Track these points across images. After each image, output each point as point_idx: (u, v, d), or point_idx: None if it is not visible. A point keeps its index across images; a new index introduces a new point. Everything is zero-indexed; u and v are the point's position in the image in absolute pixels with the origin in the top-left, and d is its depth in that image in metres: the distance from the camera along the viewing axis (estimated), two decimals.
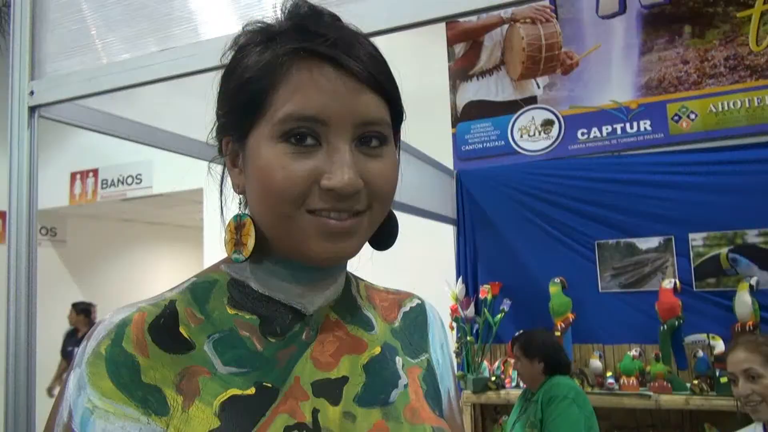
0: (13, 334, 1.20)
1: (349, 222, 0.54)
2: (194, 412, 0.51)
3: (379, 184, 0.55)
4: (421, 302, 0.75)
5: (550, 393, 2.27)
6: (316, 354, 0.59)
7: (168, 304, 0.56)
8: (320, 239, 0.54)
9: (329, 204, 0.53)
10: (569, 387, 2.30)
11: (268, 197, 0.54)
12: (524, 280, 3.53)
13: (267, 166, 0.53)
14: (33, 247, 1.18)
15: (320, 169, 0.53)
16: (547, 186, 3.56)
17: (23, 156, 1.13)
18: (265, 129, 0.54)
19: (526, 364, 2.40)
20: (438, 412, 0.65)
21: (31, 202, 1.13)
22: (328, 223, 0.53)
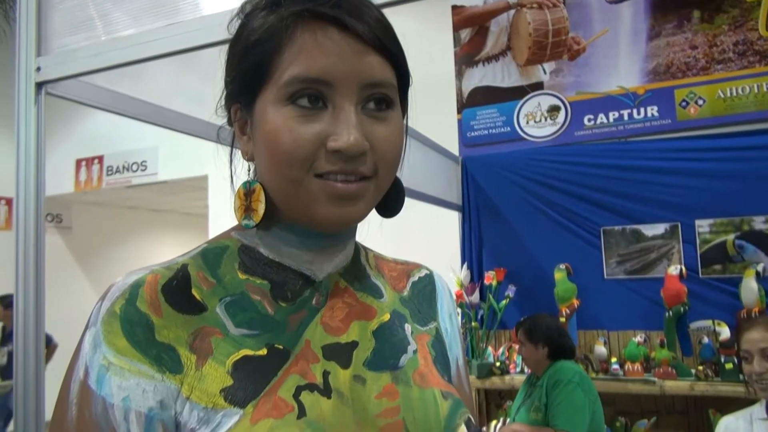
0: (22, 320, 1.21)
1: (356, 186, 0.54)
2: (207, 370, 0.52)
3: (385, 148, 0.55)
4: (430, 272, 0.75)
5: (554, 377, 2.28)
6: (326, 319, 0.60)
7: (180, 267, 0.57)
8: (328, 203, 0.54)
9: (336, 166, 0.53)
10: (574, 371, 2.30)
11: (276, 161, 0.54)
12: (529, 267, 3.53)
13: (274, 131, 0.54)
14: (40, 224, 1.18)
15: (327, 131, 0.53)
16: (552, 172, 3.55)
17: (30, 133, 1.13)
18: (271, 93, 0.54)
19: (530, 348, 2.40)
20: (447, 377, 0.65)
21: (39, 178, 1.13)
22: (336, 187, 0.53)
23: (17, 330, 1.21)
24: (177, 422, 0.50)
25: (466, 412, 0.61)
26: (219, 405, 0.50)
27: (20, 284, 1.20)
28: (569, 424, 2.17)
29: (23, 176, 1.13)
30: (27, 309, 1.20)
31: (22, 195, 1.15)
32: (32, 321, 1.20)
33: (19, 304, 1.21)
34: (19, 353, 1.21)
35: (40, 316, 1.22)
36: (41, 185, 1.15)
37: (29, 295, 1.20)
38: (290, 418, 0.51)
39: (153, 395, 0.49)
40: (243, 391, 0.51)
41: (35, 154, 1.13)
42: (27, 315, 1.20)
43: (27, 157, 1.12)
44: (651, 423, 3.06)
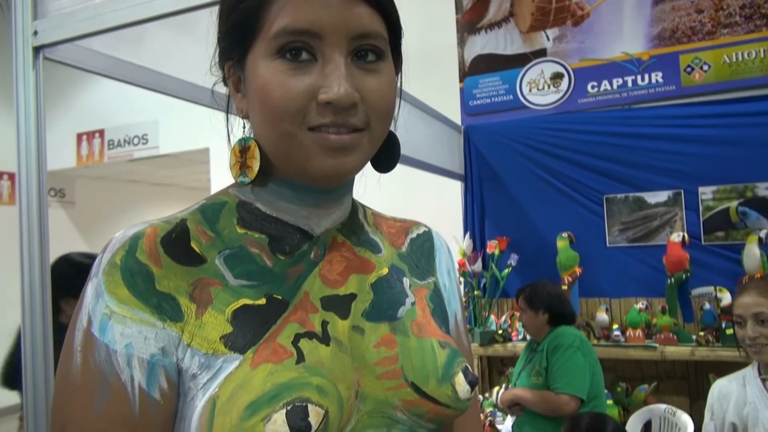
0: (28, 294, 1.21)
1: (349, 137, 0.54)
2: (207, 318, 0.53)
3: (376, 99, 0.55)
4: (429, 230, 0.75)
5: (555, 342, 2.30)
6: (324, 272, 0.60)
7: (179, 221, 0.57)
8: (321, 155, 0.54)
9: (328, 119, 0.53)
10: (574, 336, 2.32)
11: (268, 116, 0.54)
12: (532, 235, 3.53)
13: (265, 85, 0.54)
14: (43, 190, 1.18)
15: (317, 83, 0.53)
16: (555, 140, 3.53)
17: (30, 99, 1.12)
18: (261, 47, 0.54)
19: (531, 315, 2.42)
20: (444, 329, 0.66)
21: (39, 144, 1.13)
22: (328, 138, 0.53)
23: (23, 304, 1.22)
24: (179, 369, 0.51)
25: (464, 361, 0.61)
26: (219, 351, 0.51)
27: (25, 259, 1.21)
28: (569, 387, 2.19)
29: (24, 144, 1.12)
30: (33, 283, 1.21)
31: (24, 163, 1.15)
32: (38, 296, 1.21)
33: (25, 279, 1.21)
34: (26, 327, 1.22)
35: (45, 292, 1.22)
36: (42, 152, 1.14)
37: (34, 270, 1.20)
38: (289, 363, 0.51)
39: (155, 342, 0.50)
40: (242, 337, 0.52)
41: (35, 121, 1.13)
42: (33, 290, 1.21)
43: (27, 124, 1.12)
44: (651, 388, 3.09)
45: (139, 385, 0.49)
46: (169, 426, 0.51)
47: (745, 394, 1.72)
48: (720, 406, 1.78)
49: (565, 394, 2.18)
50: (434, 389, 0.58)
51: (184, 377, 0.51)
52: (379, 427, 0.56)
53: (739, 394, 1.74)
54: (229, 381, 0.50)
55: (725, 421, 1.75)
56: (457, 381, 0.59)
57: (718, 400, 1.79)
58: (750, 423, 1.67)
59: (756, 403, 1.68)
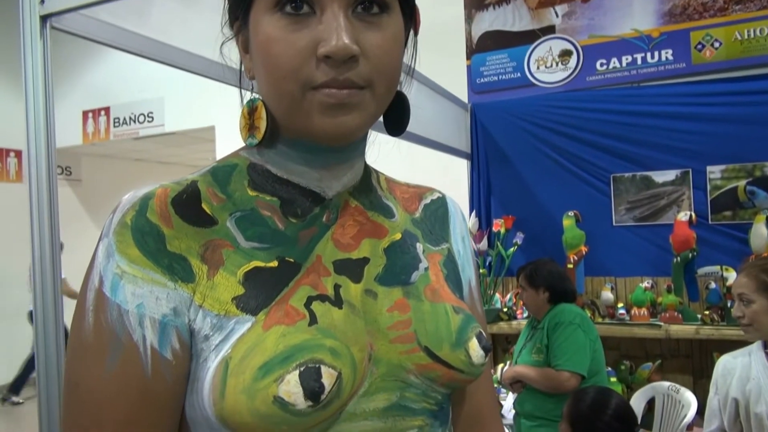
0: (39, 272, 1.21)
1: (348, 93, 0.52)
2: (219, 279, 0.52)
3: (378, 54, 0.53)
4: (443, 195, 0.74)
5: (555, 319, 2.30)
6: (336, 236, 0.60)
7: (190, 183, 0.57)
8: (322, 115, 0.53)
9: (329, 77, 0.51)
10: (574, 313, 2.33)
11: (271, 75, 0.53)
12: (538, 214, 3.53)
13: (266, 42, 0.53)
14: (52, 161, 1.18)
15: (317, 37, 0.51)
16: (563, 119, 3.50)
17: (37, 68, 1.12)
18: (261, 2, 0.53)
19: (531, 293, 2.42)
20: (458, 295, 0.66)
21: (48, 116, 1.13)
22: (328, 97, 0.52)
23: (35, 282, 1.22)
24: (191, 330, 0.51)
25: (478, 326, 0.61)
26: (231, 312, 0.51)
27: (35, 236, 1.20)
28: (570, 363, 2.21)
29: (32, 116, 1.12)
30: (43, 260, 1.21)
31: (33, 136, 1.14)
32: (49, 273, 1.21)
33: (36, 256, 1.21)
34: (38, 305, 1.23)
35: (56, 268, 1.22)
36: (51, 123, 1.14)
37: (45, 247, 1.20)
38: (302, 324, 0.51)
39: (166, 302, 0.50)
40: (254, 299, 0.52)
41: (43, 91, 1.12)
42: (44, 267, 1.21)
43: (35, 94, 1.12)
44: (655, 366, 3.11)
45: (151, 345, 0.49)
46: (181, 386, 0.51)
47: (749, 370, 1.73)
48: (724, 382, 1.79)
49: (566, 370, 2.20)
50: (448, 354, 0.58)
51: (196, 338, 0.51)
52: (392, 390, 0.56)
53: (743, 370, 1.75)
54: (241, 342, 0.50)
55: (728, 397, 1.76)
56: (471, 346, 0.59)
57: (723, 376, 1.80)
58: (752, 398, 1.68)
59: (759, 378, 1.69)
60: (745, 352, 1.81)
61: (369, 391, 0.54)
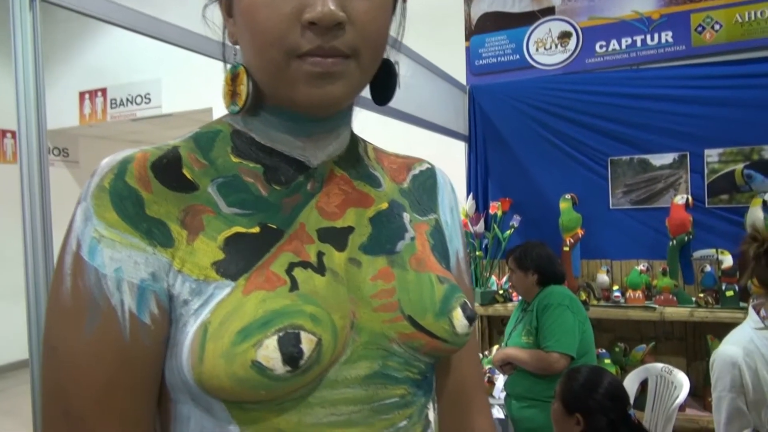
0: (30, 251, 1.21)
1: (333, 62, 0.51)
2: (198, 245, 0.52)
3: (364, 21, 0.52)
4: (432, 167, 0.74)
5: (544, 301, 2.31)
6: (321, 204, 0.59)
7: (172, 148, 0.56)
8: (306, 84, 0.52)
9: (314, 45, 0.51)
10: (563, 295, 2.33)
11: (255, 41, 0.52)
12: (535, 197, 3.53)
13: (251, 5, 0.52)
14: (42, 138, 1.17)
15: (303, 3, 0.50)
16: (561, 101, 3.49)
17: (27, 43, 1.11)
18: None
19: (520, 276, 2.43)
20: (444, 265, 0.66)
21: (38, 93, 1.12)
22: (313, 65, 0.51)
23: (26, 262, 1.21)
24: (170, 295, 0.51)
25: (463, 296, 0.61)
26: (211, 277, 0.51)
27: (27, 217, 1.19)
28: (559, 345, 2.21)
29: (22, 92, 1.11)
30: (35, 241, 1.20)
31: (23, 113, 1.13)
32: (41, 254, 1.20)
33: (27, 238, 1.20)
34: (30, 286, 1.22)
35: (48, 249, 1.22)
36: (41, 100, 1.13)
37: (36, 228, 1.19)
38: (282, 290, 0.51)
39: (145, 267, 0.50)
40: (235, 265, 0.52)
41: (33, 67, 1.11)
42: (35, 248, 1.20)
43: (25, 71, 1.10)
44: (649, 348, 3.13)
45: (129, 309, 0.49)
46: (160, 351, 0.51)
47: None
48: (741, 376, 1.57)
49: (555, 352, 2.21)
50: (431, 323, 0.58)
51: (175, 303, 0.51)
52: (374, 358, 0.56)
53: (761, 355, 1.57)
54: (220, 307, 0.49)
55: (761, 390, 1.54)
56: (455, 316, 0.59)
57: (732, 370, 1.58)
58: None
59: None
60: (744, 338, 1.65)
61: (351, 359, 0.54)
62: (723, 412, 1.62)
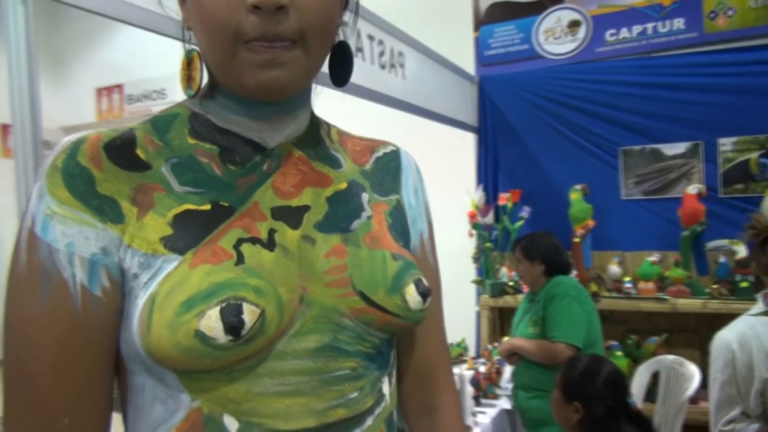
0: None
1: (279, 50, 0.52)
2: (147, 221, 0.53)
3: (308, 5, 0.53)
4: (397, 149, 0.74)
5: (551, 291, 2.30)
6: (277, 184, 0.60)
7: (127, 130, 0.58)
8: (252, 70, 0.53)
9: (258, 31, 0.52)
10: (569, 285, 2.32)
11: (203, 26, 0.54)
12: (545, 188, 3.50)
13: None
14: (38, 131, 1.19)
15: None
16: (571, 91, 3.45)
17: (20, 36, 1.13)
18: None
19: (527, 266, 2.42)
20: (402, 244, 0.66)
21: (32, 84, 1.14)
22: (258, 52, 0.52)
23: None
24: (122, 269, 0.53)
25: (418, 273, 0.62)
26: (159, 251, 0.53)
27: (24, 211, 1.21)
28: (565, 335, 2.20)
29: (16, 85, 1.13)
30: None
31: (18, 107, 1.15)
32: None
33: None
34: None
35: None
36: (35, 93, 1.15)
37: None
38: (228, 264, 0.52)
39: (95, 242, 0.52)
40: (182, 240, 0.53)
41: (26, 58, 1.14)
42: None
43: (18, 62, 1.13)
44: (662, 340, 3.09)
45: (80, 283, 0.51)
46: (113, 322, 0.53)
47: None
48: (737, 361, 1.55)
49: (561, 342, 2.20)
50: (383, 298, 0.58)
51: (127, 277, 0.53)
52: (325, 332, 0.57)
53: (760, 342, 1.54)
54: (167, 279, 0.51)
55: (753, 378, 1.52)
56: (407, 291, 0.59)
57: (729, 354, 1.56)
58: None
59: None
60: (745, 323, 1.62)
61: (300, 332, 0.55)
62: (714, 395, 1.60)
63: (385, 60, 2.57)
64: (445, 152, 3.80)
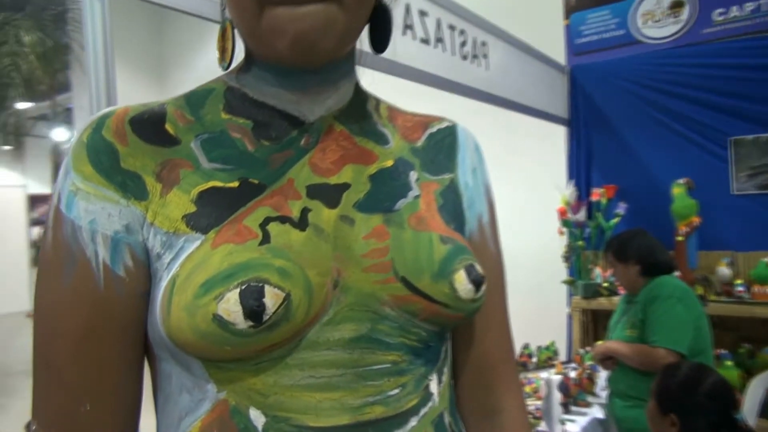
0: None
1: (310, 8, 0.47)
2: (171, 197, 0.51)
3: None
4: (454, 125, 0.68)
5: (652, 293, 2.11)
6: (315, 160, 0.56)
7: (158, 105, 0.56)
8: (282, 28, 0.48)
9: None
10: (674, 286, 2.12)
11: None
12: (644, 183, 3.26)
13: None
14: None
15: None
16: (674, 77, 3.19)
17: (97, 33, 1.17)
18: None
19: (621, 268, 2.26)
20: (454, 227, 0.60)
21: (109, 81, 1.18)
22: (292, 12, 0.48)
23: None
24: (146, 248, 0.51)
25: (470, 259, 0.55)
26: (181, 230, 0.50)
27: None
28: (666, 340, 2.01)
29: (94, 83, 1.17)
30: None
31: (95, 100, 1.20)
32: None
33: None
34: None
35: None
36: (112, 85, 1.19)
37: None
38: (252, 244, 0.48)
39: (118, 219, 0.50)
40: (206, 218, 0.50)
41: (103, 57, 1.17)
42: None
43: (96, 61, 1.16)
44: None
45: (103, 261, 0.49)
46: (137, 304, 0.50)
47: None
48: None
49: (663, 348, 2.01)
50: (428, 285, 0.52)
51: (151, 257, 0.50)
52: (362, 321, 0.51)
53: None
54: (188, 260, 0.48)
55: None
56: (456, 278, 0.53)
57: None
58: None
59: None
60: None
61: (334, 320, 0.51)
62: None
63: (467, 50, 2.49)
64: (532, 146, 3.65)
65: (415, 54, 2.17)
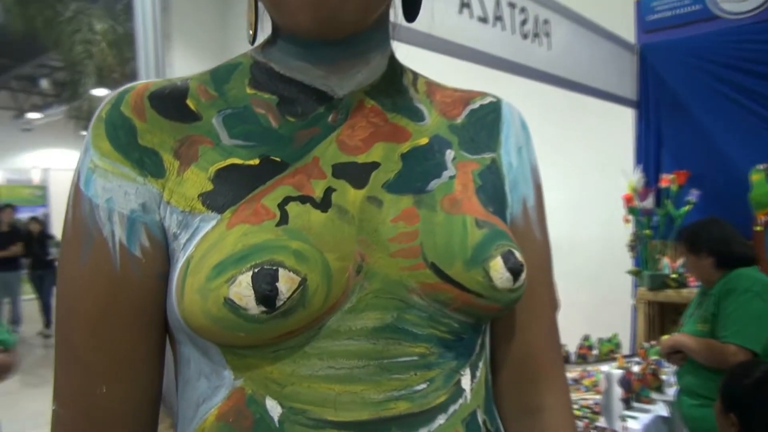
0: None
1: None
2: (188, 175, 0.49)
3: None
4: (498, 100, 0.62)
5: (728, 286, 1.97)
6: (343, 137, 0.52)
7: (182, 80, 0.54)
8: (305, 1, 0.45)
9: None
10: (754, 279, 1.96)
11: None
12: (718, 168, 3.06)
13: None
14: None
15: None
16: (756, 55, 2.97)
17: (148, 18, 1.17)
18: None
19: (693, 260, 2.12)
20: (493, 210, 0.55)
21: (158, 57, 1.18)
22: None
23: None
24: (163, 228, 0.49)
25: (509, 245, 0.50)
26: (196, 209, 0.48)
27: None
28: (739, 336, 1.87)
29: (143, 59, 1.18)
30: None
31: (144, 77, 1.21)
32: None
33: None
34: None
35: None
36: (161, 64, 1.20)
37: None
38: (268, 224, 0.46)
39: (135, 198, 0.48)
40: (223, 197, 0.48)
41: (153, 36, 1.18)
42: None
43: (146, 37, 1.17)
44: None
45: (119, 241, 0.48)
46: (154, 285, 0.49)
47: None
48: None
49: (733, 344, 1.87)
50: (459, 272, 0.48)
51: (169, 238, 0.49)
52: (387, 309, 0.48)
53: None
54: (203, 241, 0.46)
55: None
56: (492, 266, 0.49)
57: None
58: None
59: None
60: None
61: (357, 308, 0.47)
62: None
63: (527, 29, 2.39)
64: (597, 129, 3.49)
65: (473, 33, 2.10)
